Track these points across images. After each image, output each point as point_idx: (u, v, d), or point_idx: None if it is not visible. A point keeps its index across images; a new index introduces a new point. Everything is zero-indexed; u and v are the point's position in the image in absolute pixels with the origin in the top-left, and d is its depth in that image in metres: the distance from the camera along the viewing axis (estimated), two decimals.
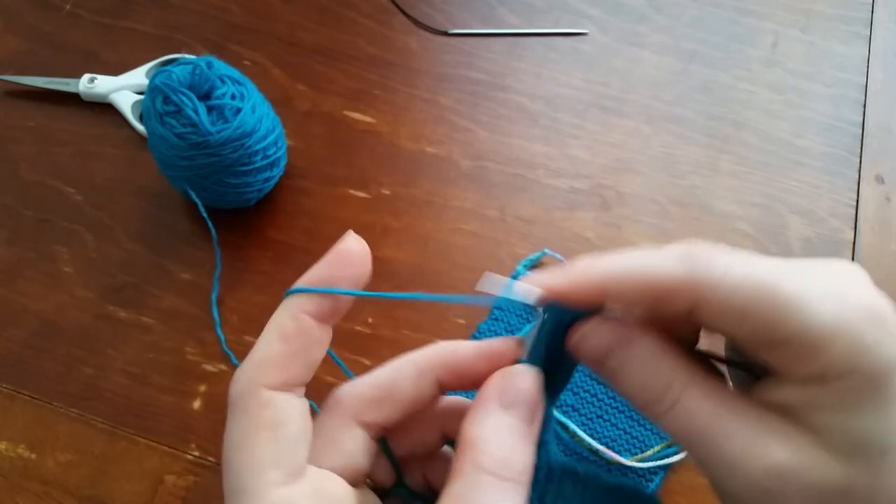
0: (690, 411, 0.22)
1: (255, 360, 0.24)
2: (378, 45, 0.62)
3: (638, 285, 0.23)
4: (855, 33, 0.63)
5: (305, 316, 0.25)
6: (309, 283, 0.25)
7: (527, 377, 0.24)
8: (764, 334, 0.22)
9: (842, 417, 0.21)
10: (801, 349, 0.21)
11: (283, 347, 0.24)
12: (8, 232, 0.54)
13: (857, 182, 0.56)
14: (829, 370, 0.21)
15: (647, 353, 0.24)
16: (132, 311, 0.50)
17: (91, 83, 0.58)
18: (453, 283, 0.51)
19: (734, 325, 0.22)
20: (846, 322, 0.21)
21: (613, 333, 0.24)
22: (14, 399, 0.48)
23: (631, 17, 0.63)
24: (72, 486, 0.45)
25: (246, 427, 0.23)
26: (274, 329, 0.25)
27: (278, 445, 0.23)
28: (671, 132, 0.58)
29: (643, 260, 0.23)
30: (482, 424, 0.23)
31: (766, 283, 0.21)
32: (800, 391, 0.22)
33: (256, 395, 0.23)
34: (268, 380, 0.24)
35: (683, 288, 0.22)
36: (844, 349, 0.21)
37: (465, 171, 0.56)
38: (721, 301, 0.21)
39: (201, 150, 0.47)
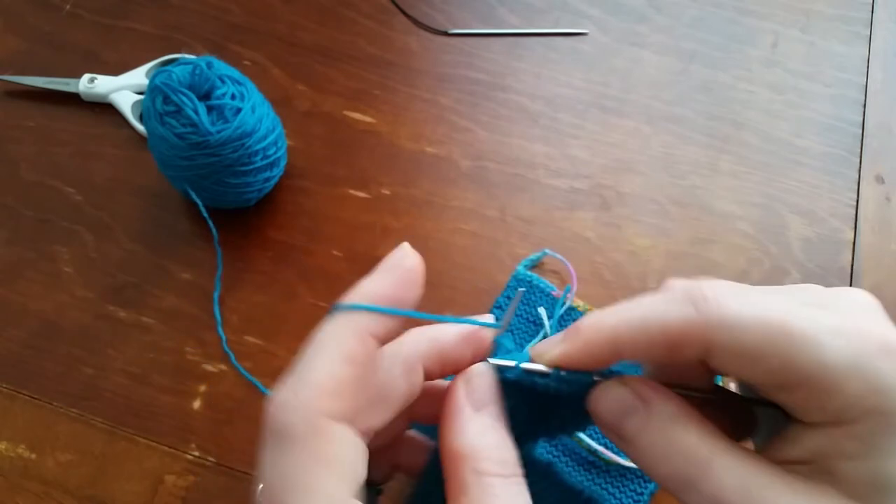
0: (719, 484, 0.21)
1: (316, 384, 0.21)
2: (378, 45, 0.62)
3: (649, 337, 0.22)
4: (855, 33, 0.63)
5: (372, 339, 0.22)
6: (369, 299, 0.22)
7: (486, 375, 0.24)
8: (778, 377, 0.21)
9: (864, 463, 0.21)
10: (816, 390, 0.21)
11: (351, 372, 0.21)
12: (8, 232, 0.54)
13: (857, 182, 0.56)
14: (847, 411, 0.20)
15: (669, 417, 0.22)
16: (132, 311, 0.50)
17: (91, 83, 0.58)
18: (453, 283, 0.51)
19: (747, 368, 0.21)
20: (861, 360, 0.20)
21: (633, 394, 0.23)
22: (14, 399, 0.48)
23: (631, 17, 0.63)
24: (72, 486, 0.45)
25: (304, 465, 0.20)
26: (336, 350, 0.22)
27: (345, 486, 0.20)
28: (671, 132, 0.58)
29: (650, 310, 0.22)
30: (467, 433, 0.23)
31: (779, 323, 0.21)
32: (821, 437, 0.21)
33: (319, 425, 0.20)
34: (332, 409, 0.21)
35: (695, 333, 0.21)
36: (860, 389, 0.20)
37: (465, 171, 0.56)
38: (734, 343, 0.21)
39: (201, 150, 0.47)
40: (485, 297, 0.50)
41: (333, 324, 0.22)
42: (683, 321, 0.21)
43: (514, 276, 0.50)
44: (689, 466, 0.22)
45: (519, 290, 0.26)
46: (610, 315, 0.23)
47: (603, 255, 0.52)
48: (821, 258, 0.52)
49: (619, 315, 0.23)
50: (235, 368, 0.48)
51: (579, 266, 0.51)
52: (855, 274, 0.52)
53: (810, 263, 0.52)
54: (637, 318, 0.22)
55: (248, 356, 0.48)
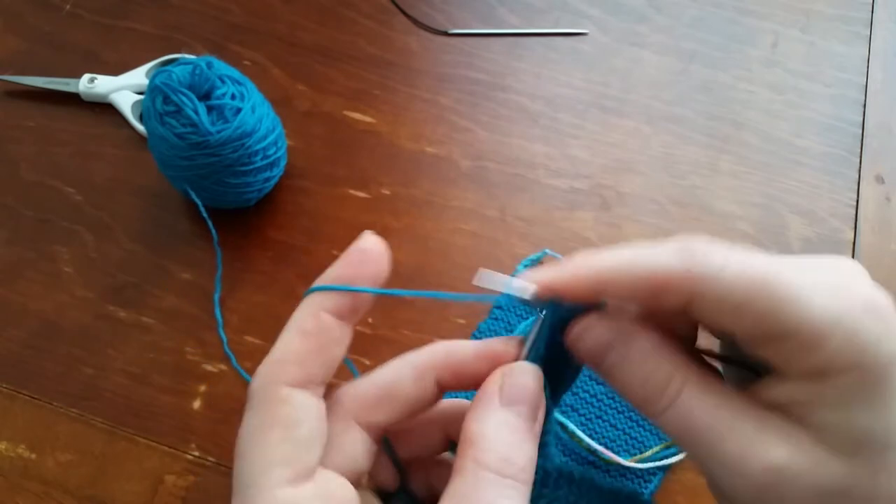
0: (689, 410, 0.22)
1: (275, 357, 0.24)
2: (378, 45, 0.62)
3: (634, 279, 0.23)
4: (855, 33, 0.63)
5: (325, 314, 0.24)
6: (328, 281, 0.25)
7: (528, 374, 0.24)
8: (761, 329, 0.21)
9: (842, 414, 0.21)
10: (799, 343, 0.21)
11: (303, 344, 0.24)
12: (8, 232, 0.54)
13: (857, 182, 0.56)
14: (828, 365, 0.21)
15: (645, 349, 0.23)
16: (132, 311, 0.50)
17: (91, 83, 0.58)
18: (453, 283, 0.51)
19: (731, 320, 0.22)
20: (845, 315, 0.21)
21: (612, 328, 0.24)
22: (14, 399, 0.48)
23: (631, 17, 0.63)
24: (72, 486, 0.45)
25: (261, 422, 0.23)
26: (294, 326, 0.24)
27: (290, 444, 0.23)
28: (671, 132, 0.58)
29: (640, 254, 0.23)
30: (483, 422, 0.23)
31: (764, 277, 0.21)
32: (799, 388, 0.22)
33: (274, 391, 0.23)
34: (287, 377, 0.23)
35: (680, 281, 0.22)
36: (844, 343, 0.20)
37: (465, 171, 0.56)
38: (718, 294, 0.21)
39: (201, 150, 0.47)
40: None
41: (299, 306, 0.25)
42: (670, 266, 0.22)
43: (515, 276, 0.50)
44: (662, 397, 0.23)
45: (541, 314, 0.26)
46: (602, 253, 0.24)
47: None
48: None
49: (609, 254, 0.24)
50: (235, 368, 0.48)
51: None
52: None
53: None
54: (626, 258, 0.23)
55: (248, 356, 0.48)
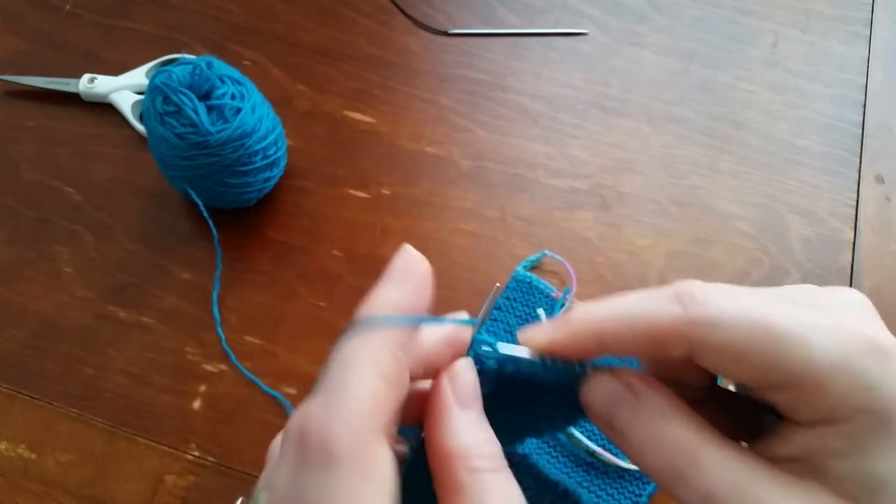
0: (709, 476, 0.21)
1: (358, 404, 0.20)
2: (378, 45, 0.62)
3: (633, 335, 0.22)
4: (855, 33, 0.62)
5: (402, 353, 0.22)
6: (391, 310, 0.22)
7: (468, 372, 0.24)
8: (765, 376, 0.21)
9: (855, 462, 0.20)
10: (803, 390, 0.20)
11: (387, 389, 0.21)
12: (8, 232, 0.54)
13: (857, 182, 0.56)
14: (834, 411, 0.20)
15: (657, 410, 0.23)
16: (132, 311, 0.50)
17: (91, 83, 0.58)
18: (453, 283, 0.51)
19: (733, 368, 0.21)
20: (848, 359, 0.20)
21: (623, 386, 0.23)
22: (14, 399, 0.48)
23: (631, 17, 0.63)
24: (72, 486, 0.45)
25: (352, 483, 0.20)
26: (372, 366, 0.21)
27: (389, 502, 0.20)
28: (671, 132, 0.58)
29: (637, 306, 0.22)
30: (456, 432, 0.22)
31: (763, 322, 0.20)
32: (811, 437, 0.21)
33: (364, 445, 0.20)
34: (375, 427, 0.20)
35: (679, 331, 0.21)
36: (848, 388, 0.20)
37: (465, 171, 0.56)
38: (717, 344, 0.21)
39: (201, 150, 0.47)
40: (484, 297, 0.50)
41: (362, 339, 0.22)
42: (668, 318, 0.21)
43: (514, 278, 0.50)
44: (679, 459, 0.22)
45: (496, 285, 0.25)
46: (598, 307, 0.23)
47: (603, 255, 0.52)
48: (821, 258, 0.52)
49: (606, 308, 0.23)
50: (236, 368, 0.48)
51: (579, 266, 0.51)
52: (855, 274, 0.52)
53: (810, 263, 0.52)
54: (623, 312, 0.22)
55: (248, 356, 0.48)
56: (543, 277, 0.51)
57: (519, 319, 0.49)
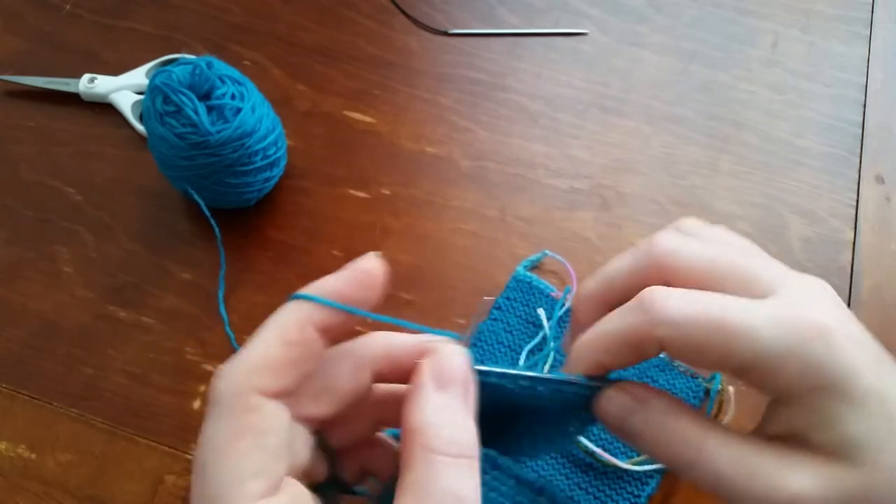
0: (716, 459, 0.24)
1: (251, 361, 0.23)
2: (378, 45, 0.62)
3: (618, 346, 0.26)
4: (855, 33, 0.62)
5: (311, 326, 0.24)
6: (321, 293, 0.24)
7: (457, 355, 0.25)
8: (724, 364, 0.24)
9: (825, 432, 0.24)
10: (760, 375, 0.24)
11: (285, 353, 0.23)
12: (8, 232, 0.54)
13: (857, 182, 0.56)
14: (792, 389, 0.24)
15: (663, 410, 0.26)
16: (132, 311, 0.50)
17: (91, 83, 0.58)
18: (453, 283, 0.51)
19: (697, 358, 0.24)
20: (795, 345, 0.23)
21: (630, 397, 0.26)
22: (14, 399, 0.48)
23: (631, 17, 0.63)
24: (72, 486, 0.45)
25: (231, 431, 0.22)
26: (276, 332, 0.24)
27: (262, 455, 0.22)
28: (671, 132, 0.58)
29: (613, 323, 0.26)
30: (424, 410, 0.23)
31: (715, 318, 0.24)
32: (790, 415, 0.24)
33: (246, 398, 0.22)
34: (262, 385, 0.23)
35: (648, 335, 0.24)
36: (799, 370, 0.23)
37: (465, 171, 0.56)
38: (678, 340, 0.24)
39: (201, 150, 0.47)
40: (484, 297, 0.50)
41: (281, 310, 0.24)
42: (636, 327, 0.25)
43: (514, 278, 0.50)
44: (688, 449, 0.25)
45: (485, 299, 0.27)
46: (589, 338, 0.27)
47: (603, 255, 0.52)
48: (821, 258, 0.52)
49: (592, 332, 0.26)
50: None
51: (579, 266, 0.51)
52: (855, 274, 0.52)
53: (810, 263, 0.52)
54: (606, 331, 0.26)
55: None
56: (543, 277, 0.51)
57: (519, 319, 0.49)
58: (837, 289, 0.52)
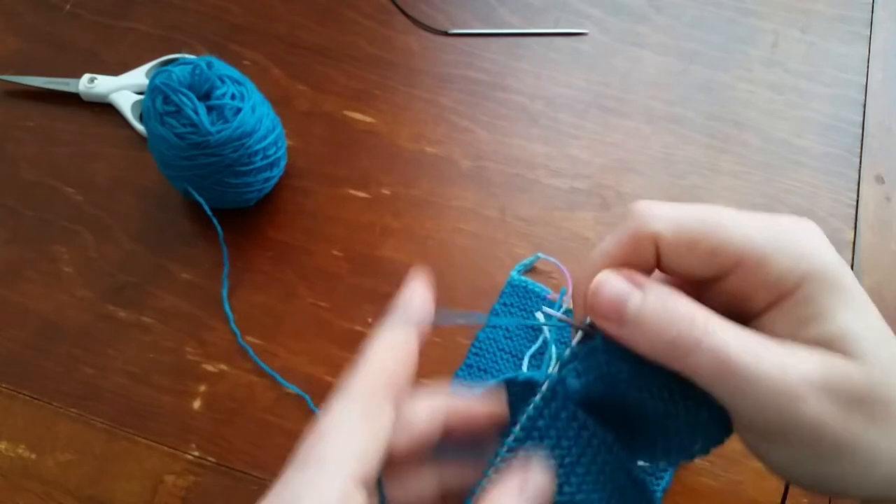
0: (723, 339, 0.23)
1: (379, 369, 0.25)
2: (378, 45, 0.62)
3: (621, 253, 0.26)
4: (855, 33, 0.62)
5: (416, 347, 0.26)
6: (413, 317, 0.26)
7: (546, 476, 0.25)
8: (715, 258, 0.24)
9: (818, 326, 0.23)
10: (751, 268, 0.24)
11: (403, 369, 0.25)
12: (8, 232, 0.54)
13: (857, 182, 0.56)
14: (783, 281, 0.24)
15: (664, 290, 0.25)
16: (132, 311, 0.50)
17: (91, 83, 0.58)
18: (453, 283, 0.51)
19: (689, 261, 0.25)
20: (781, 236, 0.24)
21: (626, 278, 0.25)
22: (14, 399, 0.48)
23: (631, 17, 0.63)
24: (72, 486, 0.45)
25: (356, 416, 0.24)
26: (396, 351, 0.26)
27: (372, 449, 0.23)
28: (671, 132, 0.58)
29: (609, 242, 0.26)
30: None
31: (709, 214, 0.25)
32: (775, 320, 0.24)
33: (376, 396, 0.24)
34: (391, 392, 0.25)
35: (643, 235, 0.25)
36: (789, 258, 0.24)
37: (465, 171, 0.56)
38: (672, 232, 0.24)
39: (201, 150, 0.47)
40: (484, 298, 0.50)
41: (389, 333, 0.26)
42: (631, 231, 0.25)
43: (509, 283, 0.50)
44: (693, 327, 0.24)
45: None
46: (590, 264, 0.26)
47: None
48: None
49: (593, 261, 0.26)
50: (236, 368, 0.48)
51: (579, 266, 0.51)
52: (855, 274, 0.52)
53: None
54: (601, 255, 0.26)
55: (248, 356, 0.48)
56: (540, 279, 0.51)
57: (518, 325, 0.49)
58: None
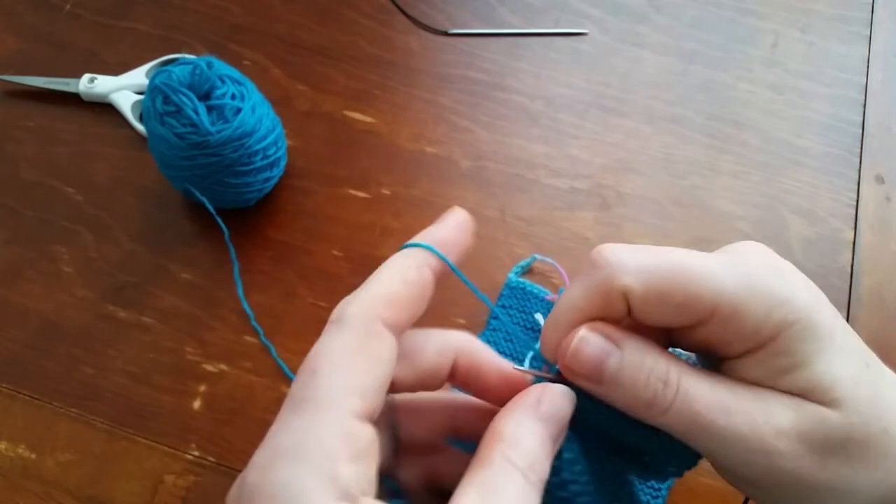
0: (694, 396, 0.23)
1: (376, 293, 0.24)
2: (378, 45, 0.62)
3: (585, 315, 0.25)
4: (855, 33, 0.63)
5: (428, 269, 0.25)
6: (428, 241, 0.26)
7: (566, 398, 0.25)
8: (687, 311, 0.23)
9: (797, 374, 0.23)
10: (726, 318, 0.23)
11: (406, 290, 0.24)
12: (8, 232, 0.54)
13: (857, 182, 0.56)
14: (759, 332, 0.23)
15: (640, 348, 0.25)
16: (132, 311, 0.50)
17: (91, 83, 0.58)
18: (454, 283, 0.50)
19: (661, 311, 0.24)
20: (756, 281, 0.23)
21: (605, 338, 0.25)
22: (14, 399, 0.48)
23: (631, 17, 0.63)
24: (72, 486, 0.45)
25: (353, 347, 0.23)
26: (396, 272, 0.25)
27: (373, 381, 0.23)
28: (671, 132, 0.58)
29: (575, 292, 0.25)
30: (519, 425, 0.24)
31: (678, 262, 0.24)
32: (752, 368, 0.24)
33: (372, 323, 0.23)
34: (386, 315, 0.24)
35: (611, 289, 0.24)
36: (764, 306, 0.23)
37: (465, 171, 0.56)
38: (642, 286, 0.23)
39: (201, 150, 0.47)
40: None
41: (398, 255, 0.25)
42: (598, 284, 0.24)
43: (507, 285, 0.50)
44: (665, 388, 0.24)
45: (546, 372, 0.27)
46: (555, 317, 0.26)
47: None
48: (821, 258, 0.52)
49: (559, 314, 0.26)
50: (236, 368, 0.48)
51: (579, 266, 0.51)
52: (855, 274, 0.52)
53: (810, 263, 0.52)
54: (567, 309, 0.25)
55: (248, 356, 0.48)
56: (538, 279, 0.51)
57: (517, 327, 0.48)
58: (837, 289, 0.52)
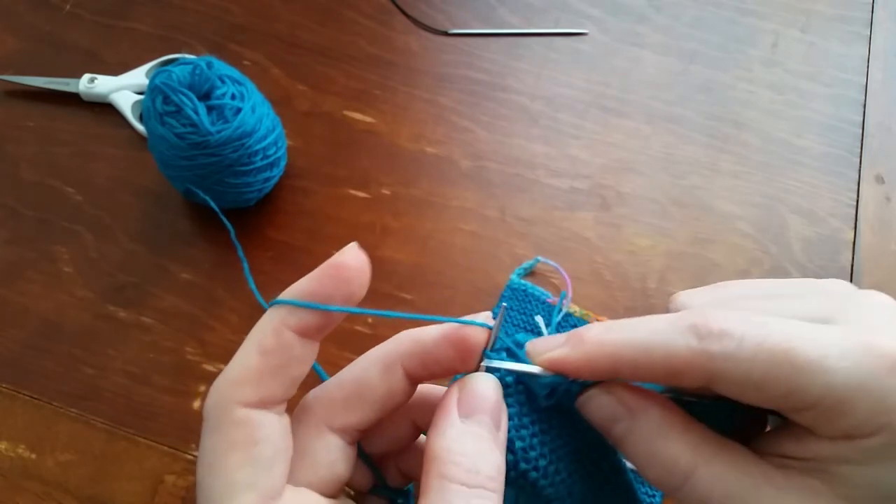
0: (707, 486, 0.22)
1: (231, 376, 0.23)
2: (378, 45, 0.62)
3: (651, 363, 0.22)
4: (855, 33, 0.62)
5: (288, 331, 0.23)
6: (296, 295, 0.23)
7: (485, 383, 0.24)
8: (786, 402, 0.21)
9: (866, 470, 0.21)
10: (825, 412, 0.21)
11: (262, 363, 0.23)
12: (8, 232, 0.54)
13: (857, 182, 0.56)
14: (857, 429, 0.21)
15: (652, 426, 0.23)
16: (132, 311, 0.50)
17: (91, 83, 0.58)
18: (453, 284, 0.51)
19: (753, 395, 0.21)
20: (869, 380, 0.20)
21: (617, 403, 0.23)
22: (14, 399, 0.48)
23: (631, 17, 0.63)
24: (72, 486, 0.45)
25: (218, 446, 0.22)
26: (253, 342, 0.23)
27: (251, 467, 0.22)
28: (671, 132, 0.58)
29: (654, 335, 0.22)
30: (444, 435, 0.22)
31: (783, 351, 0.20)
32: (825, 446, 0.21)
33: (230, 412, 0.22)
34: (243, 397, 0.22)
35: (697, 365, 0.21)
36: (870, 409, 0.20)
37: (465, 171, 0.56)
38: (737, 376, 0.21)
39: (201, 150, 0.47)
40: (485, 297, 0.50)
41: (262, 318, 0.24)
42: (686, 352, 0.21)
43: (508, 286, 0.50)
44: (674, 475, 0.22)
45: (502, 305, 0.25)
46: (615, 332, 0.23)
47: (603, 256, 0.52)
48: (821, 258, 0.52)
49: (623, 334, 0.22)
50: None
51: (579, 266, 0.51)
52: (855, 274, 0.52)
53: (810, 263, 0.52)
54: (641, 341, 0.22)
55: None
56: (539, 282, 0.51)
57: (517, 328, 0.49)
58: None
